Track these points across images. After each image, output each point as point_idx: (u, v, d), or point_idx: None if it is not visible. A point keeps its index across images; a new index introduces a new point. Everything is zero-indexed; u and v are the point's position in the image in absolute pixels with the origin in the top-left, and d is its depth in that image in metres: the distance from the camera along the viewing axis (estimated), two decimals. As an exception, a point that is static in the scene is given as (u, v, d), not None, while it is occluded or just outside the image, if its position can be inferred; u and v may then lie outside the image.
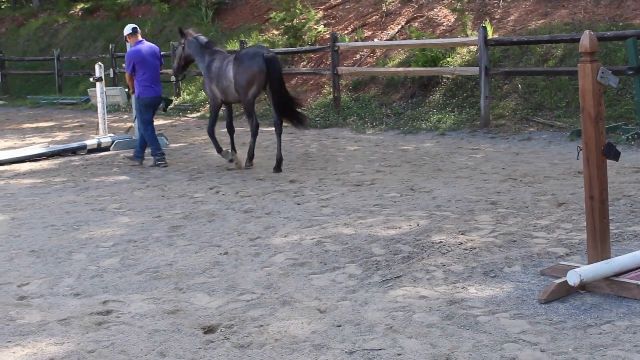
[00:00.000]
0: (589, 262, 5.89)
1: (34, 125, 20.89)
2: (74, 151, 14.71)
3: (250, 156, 12.33)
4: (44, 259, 7.52)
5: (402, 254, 7.06)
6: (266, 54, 11.93)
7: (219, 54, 12.72)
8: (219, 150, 12.60)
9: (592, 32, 5.82)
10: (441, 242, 7.33)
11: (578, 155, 5.97)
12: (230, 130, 12.65)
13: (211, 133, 12.61)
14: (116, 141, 15.07)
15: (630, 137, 12.27)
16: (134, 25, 13.34)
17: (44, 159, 14.12)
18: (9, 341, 5.43)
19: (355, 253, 7.18)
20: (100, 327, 5.63)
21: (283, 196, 9.93)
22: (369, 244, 7.43)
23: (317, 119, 17.62)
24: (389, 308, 5.71)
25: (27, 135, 18.31)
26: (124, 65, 14.30)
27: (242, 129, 15.28)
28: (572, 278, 5.53)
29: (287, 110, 12.09)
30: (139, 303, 6.11)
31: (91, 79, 16.08)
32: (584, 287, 5.74)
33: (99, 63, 15.89)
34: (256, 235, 8.02)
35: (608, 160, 5.86)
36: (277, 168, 11.80)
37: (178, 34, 13.36)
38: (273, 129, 12.28)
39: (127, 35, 13.19)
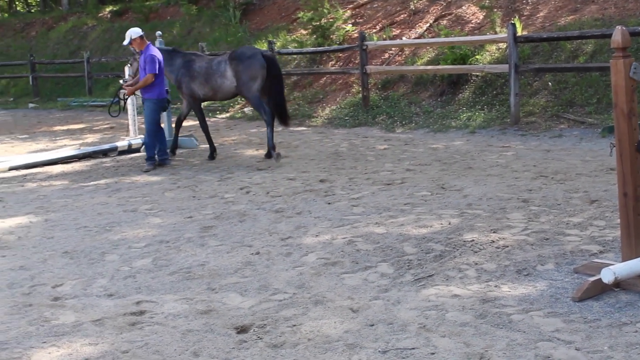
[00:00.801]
0: (623, 260, 5.84)
1: (65, 127, 21.05)
2: (105, 153, 14.81)
3: (272, 146, 12.98)
4: (77, 260, 7.57)
5: (434, 252, 7.04)
6: (265, 53, 13.32)
7: (195, 55, 13.86)
8: (213, 149, 13.75)
9: (624, 28, 5.77)
10: (473, 240, 7.30)
11: (611, 152, 5.93)
12: (178, 125, 14.26)
13: (205, 129, 13.79)
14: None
15: (662, 133, 12.15)
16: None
17: (75, 161, 14.22)
18: (44, 342, 5.47)
19: (387, 252, 7.16)
20: (134, 327, 5.66)
21: (314, 196, 9.94)
22: (400, 242, 7.42)
23: (346, 118, 17.62)
24: (422, 307, 5.70)
25: (58, 138, 18.46)
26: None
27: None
28: (607, 276, 5.49)
29: (280, 108, 13.15)
30: (172, 303, 6.14)
31: (121, 81, 16.15)
32: (619, 284, 5.69)
33: (129, 65, 15.96)
34: (287, 235, 8.04)
35: (641, 157, 5.82)
36: (268, 154, 13.13)
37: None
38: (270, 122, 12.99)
39: (138, 37, 13.03)
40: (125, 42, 13.11)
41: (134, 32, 13.09)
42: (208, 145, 13.77)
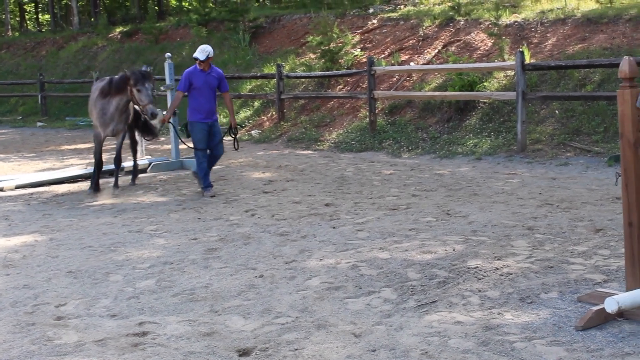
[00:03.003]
0: (627, 289, 5.83)
1: (73, 146, 21.12)
2: (111, 173, 14.81)
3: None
4: (81, 280, 7.58)
5: (438, 278, 7.03)
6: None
7: None
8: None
9: (631, 58, 5.79)
10: (477, 267, 7.30)
11: (617, 181, 5.93)
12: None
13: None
14: (153, 163, 15.20)
15: (669, 163, 12.14)
16: None
17: (82, 181, 14.25)
18: (46, 361, 5.48)
19: (390, 277, 7.16)
20: (136, 348, 5.66)
21: (318, 219, 9.95)
22: (404, 268, 7.41)
23: (353, 142, 17.64)
24: (424, 333, 5.69)
25: (65, 157, 18.51)
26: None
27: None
28: (610, 305, 5.48)
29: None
30: (175, 325, 6.14)
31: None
32: (622, 314, 5.68)
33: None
34: (291, 258, 8.04)
35: (647, 187, 5.82)
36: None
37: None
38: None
39: (210, 57, 12.27)
40: (203, 57, 12.11)
41: (211, 49, 12.36)
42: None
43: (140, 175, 14.45)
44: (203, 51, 12.20)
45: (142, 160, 15.22)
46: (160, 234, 9.54)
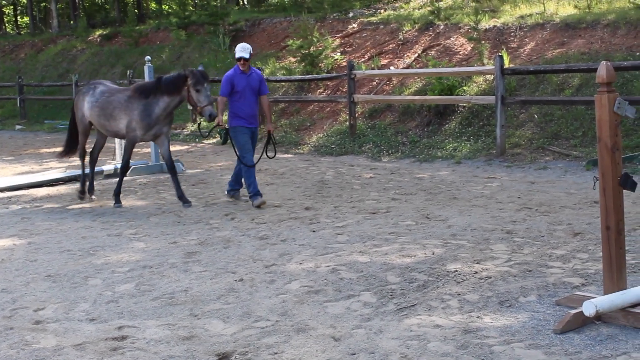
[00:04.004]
0: (605, 293, 5.87)
1: (51, 150, 20.95)
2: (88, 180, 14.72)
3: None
4: (60, 284, 7.55)
5: (417, 282, 7.05)
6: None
7: None
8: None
9: (608, 63, 5.84)
10: (456, 270, 7.32)
11: (594, 185, 5.97)
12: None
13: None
14: (132, 167, 15.13)
15: (646, 167, 12.25)
16: None
17: (61, 184, 14.19)
18: (25, 366, 5.45)
19: (370, 281, 7.17)
20: (115, 352, 5.65)
21: (298, 223, 9.95)
22: (384, 272, 7.43)
23: (333, 146, 17.66)
24: (404, 337, 5.71)
25: (44, 160, 18.42)
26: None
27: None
28: (588, 309, 5.51)
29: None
30: (154, 329, 6.12)
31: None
32: (600, 317, 5.72)
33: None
34: (271, 262, 8.04)
35: (624, 191, 5.86)
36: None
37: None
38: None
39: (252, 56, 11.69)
40: (247, 55, 11.42)
41: (250, 47, 11.75)
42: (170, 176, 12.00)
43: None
44: (246, 49, 11.51)
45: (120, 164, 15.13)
46: (139, 238, 9.51)
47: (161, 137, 11.96)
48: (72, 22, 42.71)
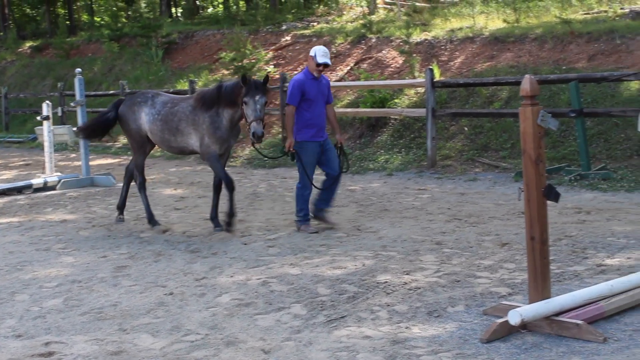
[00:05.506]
0: (530, 302, 5.97)
1: (-21, 163, 20.65)
2: (19, 190, 14.54)
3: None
4: (-14, 300, 7.42)
5: (347, 294, 7.09)
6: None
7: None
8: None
9: (532, 77, 5.96)
10: (386, 282, 7.38)
11: (519, 196, 6.08)
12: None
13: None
14: (63, 180, 14.95)
15: (572, 178, 12.49)
16: None
17: (-10, 198, 13.95)
18: (-52, 384, 5.35)
19: (300, 293, 7.19)
20: (42, 368, 5.57)
21: (230, 236, 9.93)
22: (314, 284, 7.45)
23: (265, 159, 17.65)
24: (333, 348, 5.73)
25: (-28, 174, 18.08)
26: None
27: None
28: (514, 318, 5.60)
29: None
30: (82, 344, 6.05)
31: (38, 118, 15.95)
32: (525, 326, 5.81)
33: (47, 102, 15.83)
34: (202, 275, 8.00)
35: (549, 202, 5.97)
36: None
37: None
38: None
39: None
40: (330, 61, 10.26)
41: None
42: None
43: (49, 193, 14.22)
44: (327, 54, 10.23)
45: (52, 177, 14.96)
46: (68, 252, 9.39)
47: (227, 152, 10.75)
48: (1, 33, 42.06)
